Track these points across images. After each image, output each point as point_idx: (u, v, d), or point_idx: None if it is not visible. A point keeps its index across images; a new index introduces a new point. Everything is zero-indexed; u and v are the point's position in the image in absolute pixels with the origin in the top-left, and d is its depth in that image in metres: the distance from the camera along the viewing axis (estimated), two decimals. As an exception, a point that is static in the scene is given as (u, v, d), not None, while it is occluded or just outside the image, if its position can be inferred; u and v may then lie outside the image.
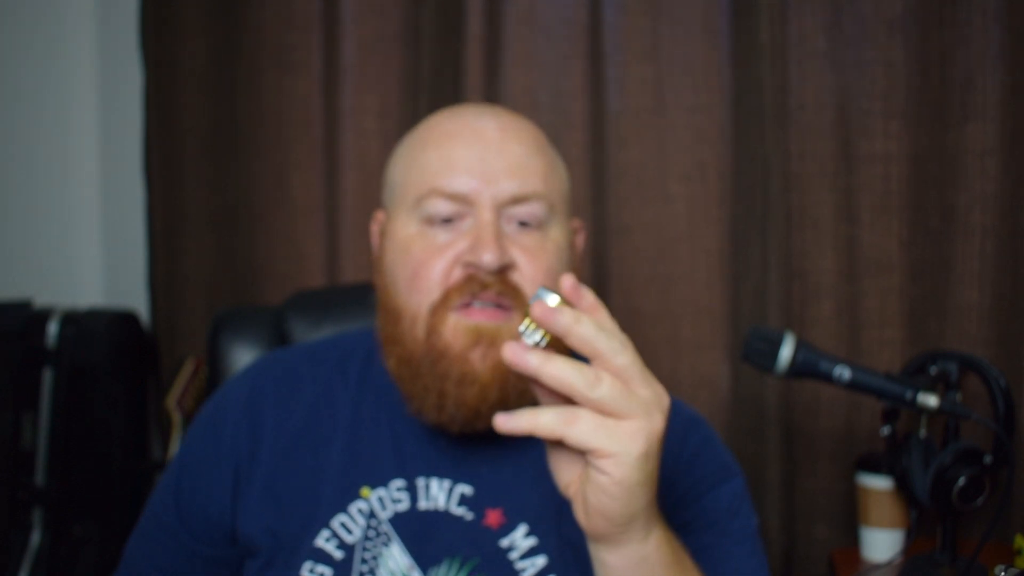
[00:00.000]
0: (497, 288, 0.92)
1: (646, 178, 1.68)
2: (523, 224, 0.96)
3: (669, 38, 1.66)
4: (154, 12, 1.94)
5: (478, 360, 0.92)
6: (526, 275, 0.94)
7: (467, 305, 0.93)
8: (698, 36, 1.65)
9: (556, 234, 0.98)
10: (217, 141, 1.93)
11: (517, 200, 0.95)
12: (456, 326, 0.92)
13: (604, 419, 0.67)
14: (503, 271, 0.93)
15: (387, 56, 1.80)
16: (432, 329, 0.93)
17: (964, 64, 1.50)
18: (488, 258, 0.91)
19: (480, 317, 0.92)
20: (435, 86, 1.75)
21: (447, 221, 0.95)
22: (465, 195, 0.94)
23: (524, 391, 0.91)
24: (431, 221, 0.95)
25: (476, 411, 0.93)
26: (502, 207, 0.95)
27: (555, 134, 1.65)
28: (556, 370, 0.66)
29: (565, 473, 0.74)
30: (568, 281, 0.69)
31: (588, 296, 0.70)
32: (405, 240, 0.97)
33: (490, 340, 0.92)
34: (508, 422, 0.68)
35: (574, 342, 0.67)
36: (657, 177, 1.68)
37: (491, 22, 1.70)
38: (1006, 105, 1.48)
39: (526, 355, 0.67)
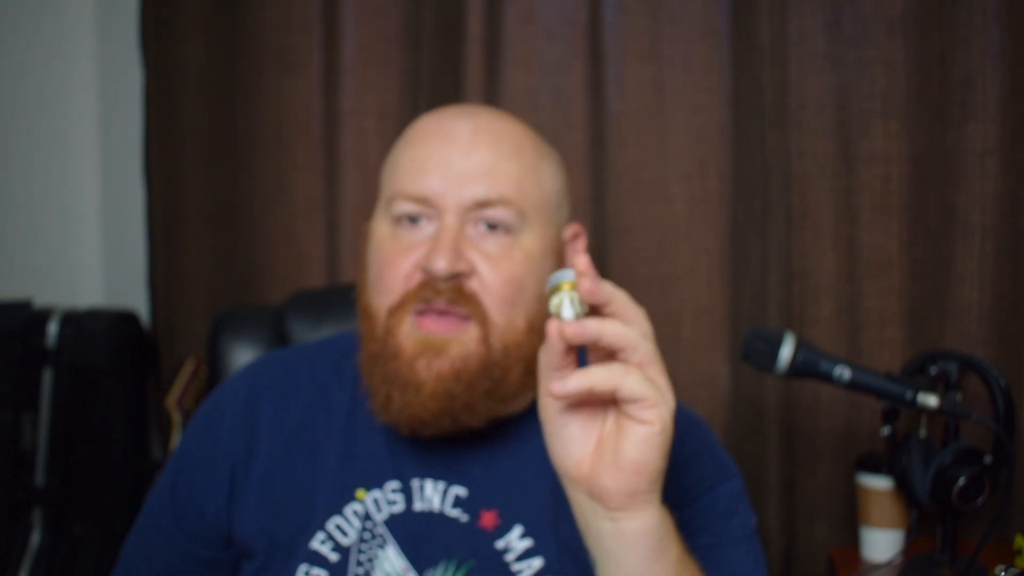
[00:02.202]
0: (449, 296, 0.91)
1: (646, 178, 1.68)
2: (493, 227, 0.94)
3: (669, 38, 1.66)
4: (154, 12, 1.94)
5: (423, 368, 0.91)
6: (486, 282, 0.93)
7: (422, 311, 0.93)
8: (698, 36, 1.65)
9: (529, 242, 0.96)
10: (217, 141, 1.93)
11: (481, 205, 0.94)
12: (409, 332, 0.92)
13: (646, 373, 0.71)
14: (458, 278, 0.92)
15: (387, 56, 1.80)
16: (389, 330, 0.93)
17: (964, 64, 1.50)
18: (439, 265, 0.90)
19: (431, 327, 0.92)
20: (435, 86, 1.75)
21: (414, 223, 0.95)
22: (428, 198, 0.94)
23: (469, 402, 0.91)
24: (399, 222, 0.96)
25: (420, 419, 0.92)
26: (467, 211, 0.94)
27: (555, 134, 1.65)
28: (613, 329, 0.70)
29: (577, 449, 0.74)
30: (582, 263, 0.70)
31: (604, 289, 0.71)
32: (379, 240, 0.97)
33: (436, 350, 0.91)
34: (563, 387, 0.70)
35: (615, 308, 0.71)
36: (657, 177, 1.68)
37: (491, 22, 1.70)
38: (1006, 105, 1.47)
39: (582, 326, 0.69)
